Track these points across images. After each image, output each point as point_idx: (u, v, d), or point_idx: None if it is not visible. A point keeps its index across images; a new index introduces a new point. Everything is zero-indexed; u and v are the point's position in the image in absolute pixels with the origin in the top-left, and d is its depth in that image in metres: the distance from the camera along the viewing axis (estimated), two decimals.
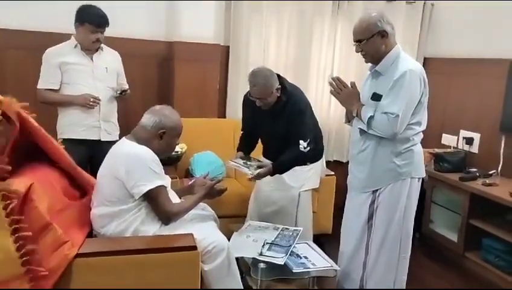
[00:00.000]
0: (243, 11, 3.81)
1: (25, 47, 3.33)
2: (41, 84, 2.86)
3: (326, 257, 2.43)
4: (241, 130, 2.96)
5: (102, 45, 2.92)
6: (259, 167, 2.63)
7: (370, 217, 2.39)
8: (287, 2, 3.92)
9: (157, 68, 3.70)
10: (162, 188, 2.08)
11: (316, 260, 2.38)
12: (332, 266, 2.34)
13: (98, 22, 2.80)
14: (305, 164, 2.78)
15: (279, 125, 2.67)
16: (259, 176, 2.60)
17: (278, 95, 2.63)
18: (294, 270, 2.25)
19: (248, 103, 2.75)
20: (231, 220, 2.92)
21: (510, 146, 3.40)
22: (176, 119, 2.22)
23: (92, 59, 2.90)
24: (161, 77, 3.72)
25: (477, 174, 3.36)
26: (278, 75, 2.67)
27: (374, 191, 2.37)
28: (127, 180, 2.01)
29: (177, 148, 3.01)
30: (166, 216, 2.11)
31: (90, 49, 2.88)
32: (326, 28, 4.09)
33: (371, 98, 2.30)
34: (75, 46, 2.85)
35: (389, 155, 2.31)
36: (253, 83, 2.58)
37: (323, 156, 3.00)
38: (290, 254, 2.33)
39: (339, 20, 4.13)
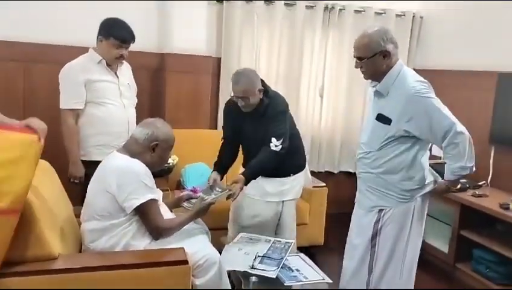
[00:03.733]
0: (234, 23, 3.84)
1: (14, 59, 3.33)
2: (64, 104, 2.66)
3: (318, 269, 2.42)
4: (222, 139, 2.83)
5: None
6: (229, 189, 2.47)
7: (374, 236, 2.33)
8: (278, 14, 3.95)
9: (148, 80, 3.70)
10: (153, 202, 2.06)
11: (308, 273, 2.36)
12: (324, 279, 2.33)
13: (124, 38, 2.69)
14: (287, 176, 2.74)
15: (260, 129, 2.60)
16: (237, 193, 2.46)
17: (261, 97, 2.59)
18: (286, 284, 2.24)
19: (230, 109, 2.70)
20: (222, 232, 2.89)
21: (499, 157, 3.44)
22: (168, 131, 2.21)
23: (116, 75, 2.78)
24: (153, 88, 3.72)
25: (467, 185, 3.37)
26: (261, 80, 2.62)
27: (380, 210, 2.31)
28: (119, 194, 2.00)
29: (169, 160, 3.00)
30: (156, 231, 2.09)
31: (112, 64, 2.75)
32: (317, 39, 4.13)
33: (376, 119, 2.24)
34: (99, 61, 2.70)
35: (401, 178, 2.24)
36: (236, 81, 2.52)
37: (307, 166, 2.96)
38: (281, 267, 2.32)
39: (329, 32, 4.18)
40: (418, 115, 2.12)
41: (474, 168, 2.19)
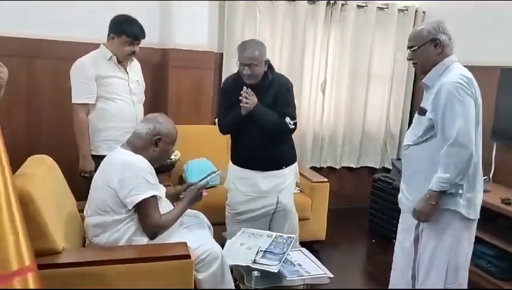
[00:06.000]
0: (236, 18, 3.84)
1: (17, 54, 3.34)
2: (76, 98, 2.67)
3: (320, 264, 2.43)
4: (216, 117, 2.73)
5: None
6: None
7: (416, 240, 2.26)
8: (280, 9, 3.95)
9: (151, 75, 3.70)
10: (153, 199, 2.06)
11: (310, 268, 2.38)
12: (326, 274, 2.34)
13: (136, 35, 2.68)
14: (280, 168, 2.75)
15: (264, 104, 2.60)
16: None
17: (265, 69, 2.60)
18: (288, 278, 2.25)
19: (230, 87, 2.65)
20: (224, 227, 2.90)
21: (501, 152, 3.44)
22: (171, 126, 2.22)
23: (126, 71, 2.79)
24: (155, 83, 3.72)
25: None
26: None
27: None
28: (120, 190, 2.01)
29: (171, 156, 3.00)
30: (153, 229, 2.07)
31: (123, 61, 2.75)
32: (319, 34, 4.13)
33: (418, 112, 2.19)
34: (110, 57, 2.70)
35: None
36: (244, 47, 2.55)
37: (296, 162, 2.92)
38: (283, 262, 2.33)
39: (331, 27, 4.17)
40: (439, 105, 2.05)
41: (461, 191, 2.06)
